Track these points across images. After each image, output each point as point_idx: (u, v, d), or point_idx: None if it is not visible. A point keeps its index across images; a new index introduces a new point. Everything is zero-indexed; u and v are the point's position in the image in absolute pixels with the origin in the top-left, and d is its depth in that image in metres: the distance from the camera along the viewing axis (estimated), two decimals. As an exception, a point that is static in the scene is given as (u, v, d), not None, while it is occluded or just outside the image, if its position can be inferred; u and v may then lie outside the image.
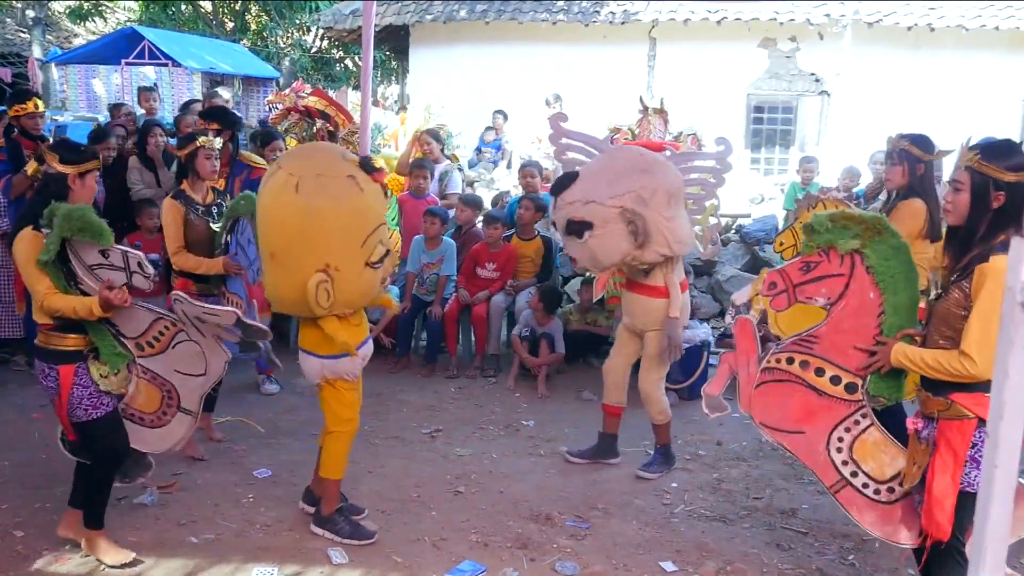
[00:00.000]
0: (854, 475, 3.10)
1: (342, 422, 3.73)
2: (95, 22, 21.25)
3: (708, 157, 4.91)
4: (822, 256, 3.06)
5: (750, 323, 3.31)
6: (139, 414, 3.62)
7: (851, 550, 3.81)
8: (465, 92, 13.17)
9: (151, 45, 14.76)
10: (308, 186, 3.32)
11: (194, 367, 3.65)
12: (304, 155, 3.70)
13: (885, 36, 12.55)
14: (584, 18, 13.19)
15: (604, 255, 4.19)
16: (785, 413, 3.19)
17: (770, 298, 3.17)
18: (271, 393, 5.70)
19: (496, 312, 6.37)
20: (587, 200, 4.10)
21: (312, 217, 3.31)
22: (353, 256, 3.41)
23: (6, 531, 3.73)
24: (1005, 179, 2.65)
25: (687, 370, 5.83)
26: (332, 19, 15.00)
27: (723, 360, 3.36)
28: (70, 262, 3.29)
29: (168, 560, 3.54)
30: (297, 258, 3.39)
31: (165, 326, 3.58)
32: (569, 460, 4.75)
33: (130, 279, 3.36)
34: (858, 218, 3.02)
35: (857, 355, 3.05)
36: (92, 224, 3.25)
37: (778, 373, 3.19)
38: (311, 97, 8.43)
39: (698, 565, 3.66)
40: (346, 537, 3.73)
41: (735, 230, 9.57)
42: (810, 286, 3.10)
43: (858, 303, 3.03)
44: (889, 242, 2.99)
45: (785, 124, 13.58)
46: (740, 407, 3.29)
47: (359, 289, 3.51)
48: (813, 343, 3.13)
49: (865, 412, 3.09)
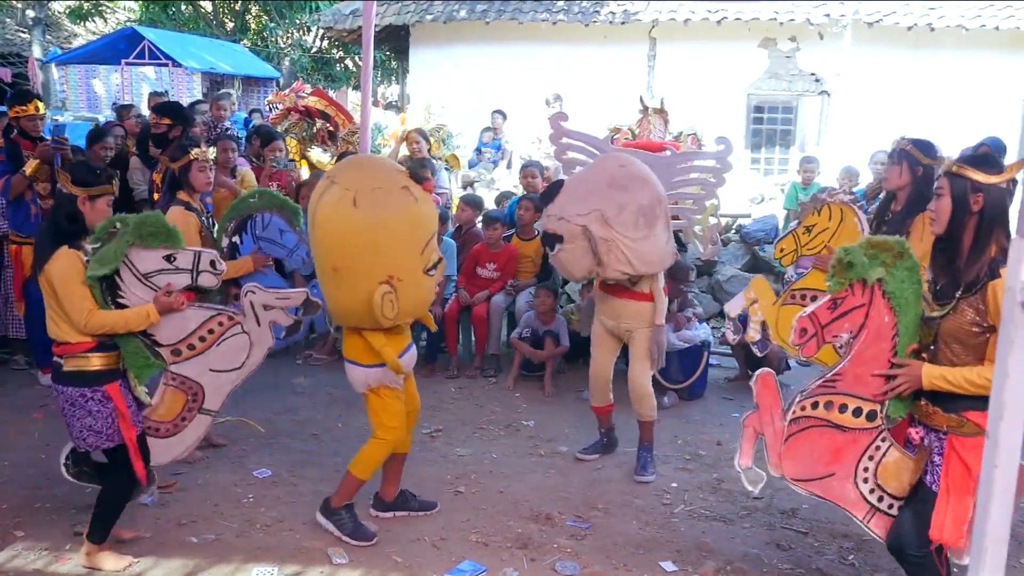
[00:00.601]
0: (880, 500, 3.06)
1: (387, 429, 3.75)
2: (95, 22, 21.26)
3: (708, 157, 4.91)
4: (848, 291, 2.95)
5: (772, 377, 3.17)
6: (155, 425, 3.58)
7: (851, 550, 3.81)
8: (465, 92, 13.17)
9: (151, 45, 14.77)
10: (366, 200, 3.39)
11: (233, 361, 3.66)
12: (355, 168, 3.72)
13: (885, 36, 12.55)
14: (584, 18, 13.18)
15: (571, 268, 4.30)
16: (814, 461, 3.09)
17: (802, 345, 3.02)
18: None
19: (496, 312, 6.37)
20: (559, 215, 4.18)
21: (375, 230, 3.38)
22: (414, 265, 3.49)
23: (6, 531, 3.73)
24: (982, 180, 2.69)
25: (686, 370, 5.83)
26: (332, 19, 15.00)
27: (747, 424, 3.19)
28: (115, 275, 3.31)
29: (168, 560, 3.54)
30: (361, 271, 3.43)
31: (220, 322, 3.60)
32: (581, 459, 4.77)
33: (196, 280, 3.41)
34: (887, 244, 2.92)
35: (875, 381, 2.98)
36: (166, 228, 3.32)
37: (803, 421, 3.07)
38: (311, 97, 8.45)
39: (698, 565, 3.66)
40: (346, 534, 3.75)
41: (735, 230, 9.57)
42: (836, 324, 2.97)
43: (876, 330, 2.94)
44: (906, 264, 2.91)
45: (785, 124, 13.57)
46: (771, 470, 3.14)
47: (420, 297, 3.60)
48: (837, 381, 3.03)
49: (884, 436, 3.04)
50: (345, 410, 5.50)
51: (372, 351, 3.60)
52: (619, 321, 4.47)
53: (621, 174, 4.21)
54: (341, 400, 5.70)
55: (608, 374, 4.64)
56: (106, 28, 21.14)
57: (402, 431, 3.83)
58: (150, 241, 3.29)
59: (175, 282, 3.37)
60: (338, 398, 5.74)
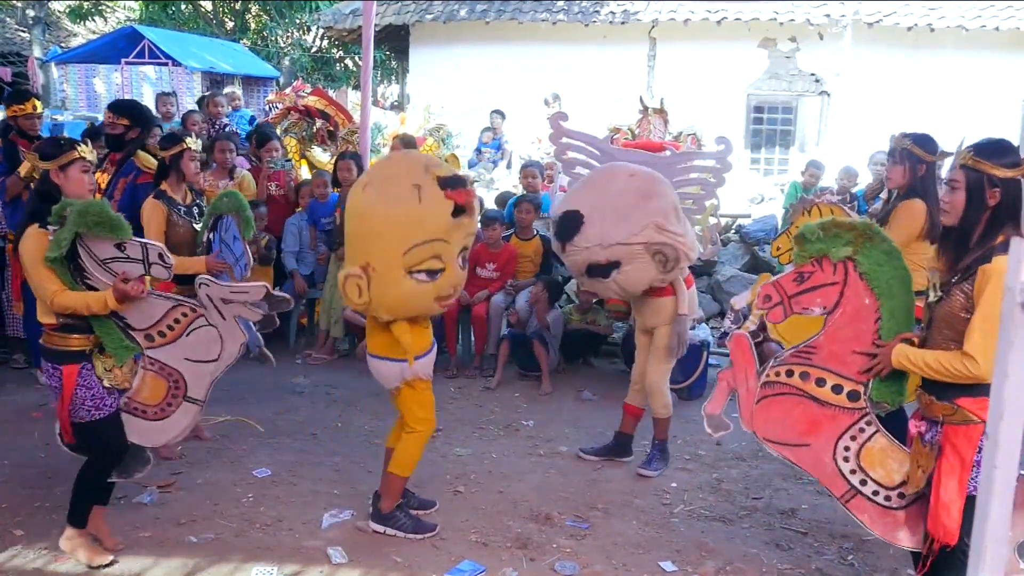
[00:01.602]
0: (863, 483, 3.08)
1: (421, 421, 3.77)
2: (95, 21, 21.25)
3: (708, 157, 4.90)
4: (815, 266, 3.05)
5: (745, 338, 3.28)
6: (141, 407, 3.59)
7: (850, 550, 3.81)
8: (465, 92, 13.18)
9: (151, 44, 14.77)
10: (375, 186, 3.48)
11: (207, 353, 3.65)
12: (391, 160, 3.84)
13: (885, 36, 12.56)
14: (584, 18, 13.20)
15: (632, 286, 4.28)
16: (788, 427, 3.17)
17: (766, 311, 3.16)
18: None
19: (496, 312, 6.37)
20: (607, 243, 4.13)
21: (365, 214, 3.45)
22: (392, 261, 3.43)
23: (5, 530, 3.73)
24: (999, 175, 2.65)
25: (686, 370, 5.82)
26: (332, 19, 15.01)
27: (721, 377, 3.31)
28: (78, 258, 3.30)
29: (167, 559, 3.53)
30: (351, 252, 3.54)
31: (183, 312, 3.58)
32: (582, 457, 4.78)
33: (148, 270, 3.39)
34: (849, 225, 3.01)
35: (857, 359, 3.04)
36: (109, 218, 3.28)
37: (778, 387, 3.17)
38: (311, 97, 8.45)
39: (698, 565, 3.66)
40: (409, 532, 3.78)
41: (735, 230, 9.57)
42: (805, 296, 3.09)
43: (854, 310, 3.03)
44: (881, 247, 2.98)
45: (785, 124, 13.59)
46: (742, 424, 3.25)
47: (397, 296, 3.49)
48: (812, 353, 3.11)
49: (869, 419, 3.07)
50: (345, 410, 5.50)
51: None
52: (644, 319, 4.56)
53: (639, 183, 4.25)
54: (341, 400, 5.70)
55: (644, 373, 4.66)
56: (106, 27, 21.13)
57: (434, 422, 3.87)
58: (96, 230, 3.25)
59: (129, 271, 3.34)
60: (338, 398, 5.75)
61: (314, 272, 6.90)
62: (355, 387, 5.91)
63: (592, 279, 4.31)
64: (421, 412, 3.76)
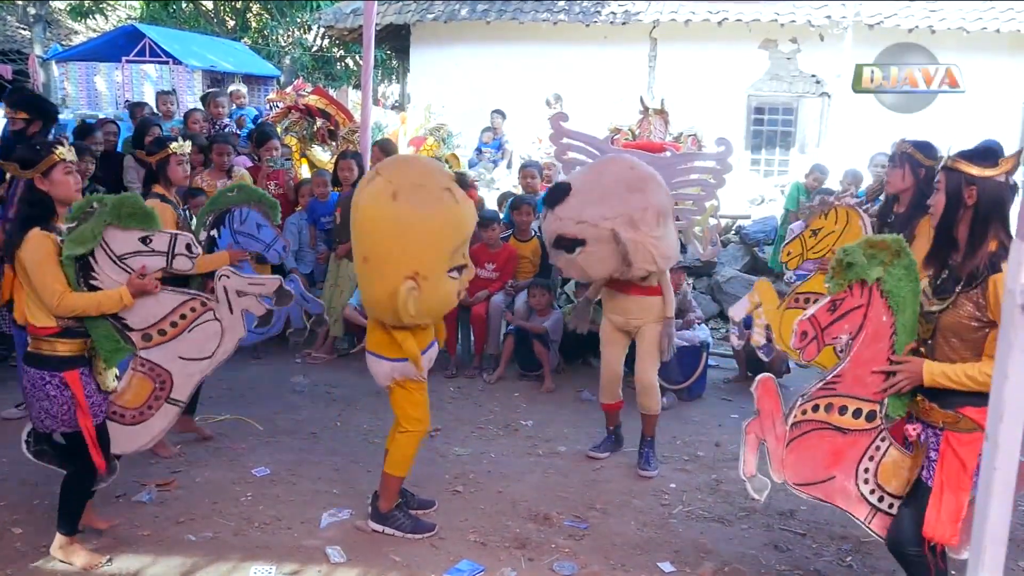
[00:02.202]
0: (881, 500, 3.06)
1: (414, 421, 3.76)
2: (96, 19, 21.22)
3: (708, 158, 4.90)
4: (847, 292, 2.93)
5: (772, 382, 3.14)
6: (120, 411, 3.55)
7: (849, 552, 3.81)
8: (465, 91, 13.18)
9: (152, 43, 14.77)
10: (406, 195, 3.40)
11: (203, 350, 3.65)
12: (402, 164, 3.78)
13: (886, 38, 12.56)
14: (585, 18, 13.19)
15: (593, 271, 4.31)
16: (816, 464, 3.07)
17: (801, 350, 2.99)
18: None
19: (495, 312, 6.37)
20: (579, 219, 4.15)
21: (411, 225, 3.39)
22: (441, 265, 3.47)
23: (4, 528, 3.73)
24: (975, 174, 2.71)
25: (685, 371, 5.83)
26: (333, 18, 15.00)
27: (748, 430, 3.14)
28: (88, 256, 3.29)
29: (166, 558, 3.53)
30: (390, 263, 3.45)
31: (192, 307, 3.59)
32: (593, 457, 4.80)
33: (170, 263, 3.40)
34: (884, 244, 2.91)
35: (876, 379, 2.96)
36: (144, 209, 3.31)
37: (804, 425, 3.05)
38: (312, 96, 8.45)
39: (696, 566, 3.66)
40: (408, 531, 3.79)
41: (735, 231, 9.58)
42: (835, 326, 2.96)
43: (874, 330, 2.93)
44: (903, 263, 2.91)
45: (785, 125, 13.59)
46: (773, 476, 3.09)
47: (440, 299, 3.54)
48: (837, 383, 3.01)
49: (884, 436, 3.03)
50: (344, 409, 5.50)
51: (397, 344, 3.61)
52: (628, 317, 4.53)
53: (634, 176, 4.25)
54: (340, 399, 5.70)
55: (619, 371, 4.69)
56: (107, 25, 21.10)
57: (427, 422, 3.86)
58: (128, 222, 3.27)
59: (149, 264, 3.35)
60: (337, 397, 5.74)
61: (314, 271, 6.90)
62: (355, 386, 5.91)
63: (557, 252, 4.31)
64: (413, 412, 3.76)
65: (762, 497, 3.21)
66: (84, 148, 6.14)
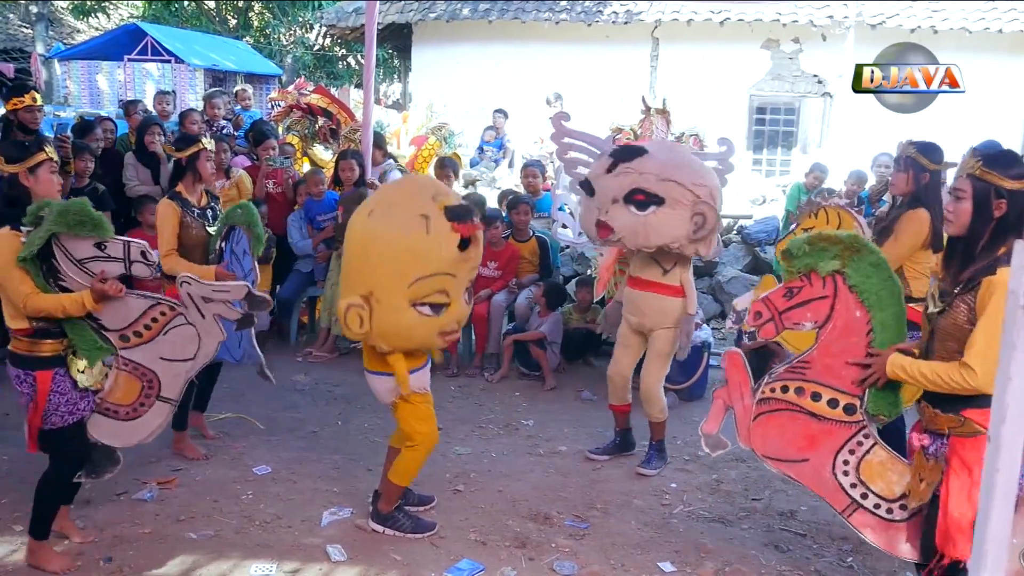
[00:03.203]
0: (864, 497, 3.07)
1: (421, 435, 3.68)
2: (98, 18, 21.27)
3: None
4: (804, 280, 3.06)
5: (739, 356, 3.29)
6: (114, 407, 3.56)
7: (849, 552, 3.81)
8: (467, 91, 13.18)
9: (154, 41, 14.79)
10: (378, 213, 3.36)
11: (183, 352, 3.64)
12: (396, 183, 3.82)
13: (888, 38, 12.52)
14: (587, 18, 13.20)
15: (656, 234, 4.11)
16: (786, 443, 3.18)
17: (758, 328, 3.15)
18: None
19: (497, 311, 6.37)
20: (665, 177, 4.05)
21: (369, 242, 3.34)
22: (396, 292, 3.32)
23: (5, 526, 3.74)
24: (1007, 187, 2.61)
25: (687, 371, 5.82)
26: (335, 17, 15.02)
27: (716, 396, 3.34)
28: (52, 258, 3.27)
29: (167, 556, 3.53)
30: (349, 279, 3.43)
31: (161, 311, 3.57)
32: (591, 458, 4.76)
33: (129, 269, 3.37)
34: (835, 238, 3.02)
35: (851, 371, 3.04)
36: (91, 217, 3.25)
37: (773, 403, 3.18)
38: (313, 95, 8.46)
39: (696, 566, 3.65)
40: (408, 531, 3.77)
41: (736, 231, 9.57)
42: (795, 312, 3.10)
43: (844, 323, 3.04)
44: (868, 259, 2.98)
45: (787, 125, 13.59)
46: (739, 441, 3.29)
47: (397, 328, 3.39)
48: (806, 368, 3.13)
49: (867, 433, 3.07)
50: (345, 408, 5.50)
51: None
52: (642, 319, 4.44)
53: (702, 163, 4.29)
54: (341, 398, 5.70)
55: (628, 373, 4.62)
56: (109, 24, 21.15)
57: (436, 434, 3.77)
58: (77, 230, 3.23)
59: (108, 269, 3.32)
60: (338, 396, 5.75)
61: (314, 270, 6.90)
62: (356, 385, 5.89)
63: (625, 206, 4.11)
64: (420, 426, 3.69)
65: (715, 454, 3.48)
66: (83, 146, 6.18)
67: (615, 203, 4.14)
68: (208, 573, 3.44)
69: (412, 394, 3.62)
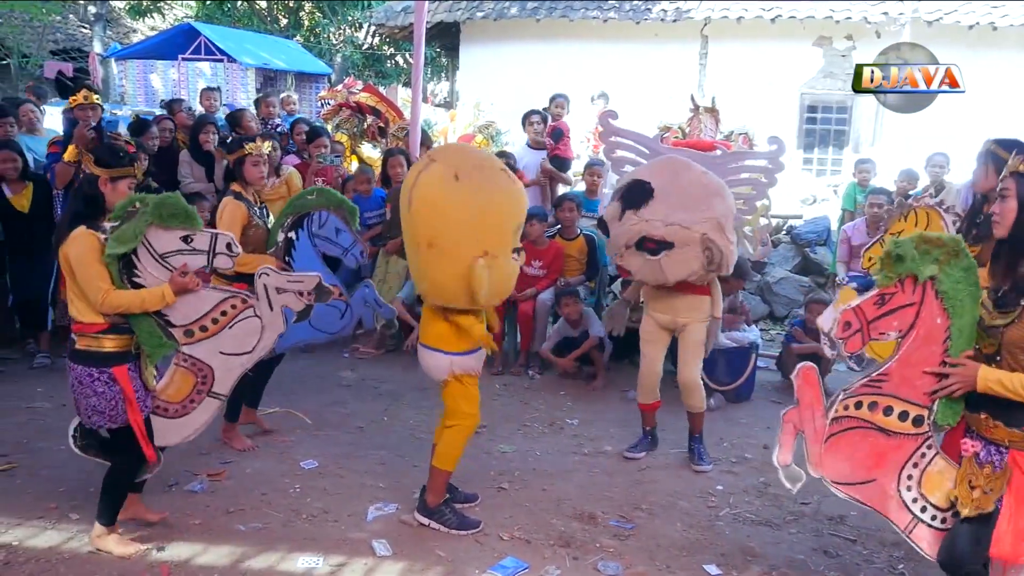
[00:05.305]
0: (923, 510, 2.95)
1: (465, 416, 3.78)
2: (153, 18, 21.71)
3: (760, 157, 4.84)
4: (897, 286, 2.83)
5: (814, 371, 3.04)
6: (164, 404, 3.60)
7: (901, 559, 3.73)
8: (514, 89, 13.15)
9: (207, 41, 15.03)
10: (468, 176, 3.46)
11: (243, 345, 3.69)
12: (455, 150, 4.00)
13: (945, 35, 12.23)
14: (635, 16, 13.10)
15: (672, 273, 4.28)
16: (856, 464, 2.98)
17: (845, 340, 2.88)
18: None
19: (542, 310, 6.37)
20: (669, 221, 4.17)
21: (479, 204, 3.45)
22: (507, 244, 3.56)
23: (63, 514, 3.82)
24: None
25: (734, 372, 5.77)
26: (384, 16, 15.12)
27: (786, 420, 3.05)
28: (131, 254, 3.35)
29: (216, 547, 3.60)
30: (460, 245, 3.47)
31: (232, 304, 3.63)
32: (629, 457, 4.77)
33: (211, 262, 3.46)
34: (939, 241, 2.80)
35: (925, 381, 2.86)
36: (184, 209, 3.37)
37: (846, 421, 2.96)
38: (362, 93, 8.53)
39: (743, 569, 3.61)
40: (453, 528, 3.81)
41: (786, 231, 9.45)
42: (883, 321, 2.85)
43: (927, 331, 2.83)
44: (962, 264, 2.79)
45: (839, 124, 13.33)
46: (810, 469, 3.03)
47: (506, 278, 3.62)
48: (883, 381, 2.91)
49: (931, 443, 2.93)
50: (391, 403, 5.54)
51: (457, 337, 3.65)
52: (676, 315, 4.53)
53: (712, 182, 4.28)
54: (387, 394, 5.75)
55: (659, 370, 4.68)
56: (164, 24, 21.57)
57: (478, 416, 3.86)
58: (169, 222, 3.33)
59: (191, 263, 3.40)
60: (384, 392, 5.79)
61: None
62: (401, 381, 5.95)
63: (638, 252, 4.29)
64: (466, 407, 3.77)
65: (795, 488, 3.12)
66: (138, 145, 6.31)
67: (628, 249, 4.34)
68: (256, 565, 3.49)
69: (464, 374, 3.72)
